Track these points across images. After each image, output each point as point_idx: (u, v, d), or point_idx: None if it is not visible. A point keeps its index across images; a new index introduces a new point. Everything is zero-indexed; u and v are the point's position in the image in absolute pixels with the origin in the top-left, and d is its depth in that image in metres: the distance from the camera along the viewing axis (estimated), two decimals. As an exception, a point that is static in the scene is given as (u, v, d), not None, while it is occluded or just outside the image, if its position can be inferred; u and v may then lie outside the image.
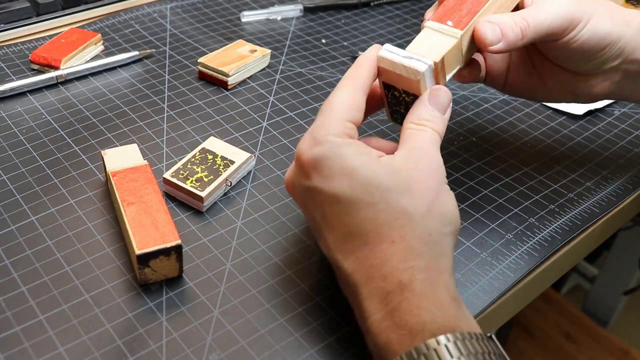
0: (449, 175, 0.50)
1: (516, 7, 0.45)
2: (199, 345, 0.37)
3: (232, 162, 0.48)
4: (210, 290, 0.41)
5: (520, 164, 0.53)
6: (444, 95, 0.39)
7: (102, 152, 0.47)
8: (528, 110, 0.61)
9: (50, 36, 0.66)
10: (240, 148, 0.51)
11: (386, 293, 0.34)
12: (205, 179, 0.47)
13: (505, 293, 0.42)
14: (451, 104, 0.40)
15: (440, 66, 0.40)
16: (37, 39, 0.66)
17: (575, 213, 0.49)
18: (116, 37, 0.67)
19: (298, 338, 0.38)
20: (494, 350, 0.32)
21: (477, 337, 0.32)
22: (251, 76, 0.63)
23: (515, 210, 0.48)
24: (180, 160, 0.49)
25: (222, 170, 0.48)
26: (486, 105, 0.61)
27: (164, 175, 0.47)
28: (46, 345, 0.36)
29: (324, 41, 0.70)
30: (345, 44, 0.70)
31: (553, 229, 0.47)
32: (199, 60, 0.61)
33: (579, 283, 1.31)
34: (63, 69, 0.59)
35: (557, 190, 0.51)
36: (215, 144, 0.50)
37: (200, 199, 0.46)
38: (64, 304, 0.39)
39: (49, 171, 0.49)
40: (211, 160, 0.48)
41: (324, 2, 0.76)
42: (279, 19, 0.74)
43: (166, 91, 0.59)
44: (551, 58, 0.46)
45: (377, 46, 0.40)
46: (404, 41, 0.71)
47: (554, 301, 1.20)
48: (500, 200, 0.49)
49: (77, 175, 0.49)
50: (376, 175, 0.35)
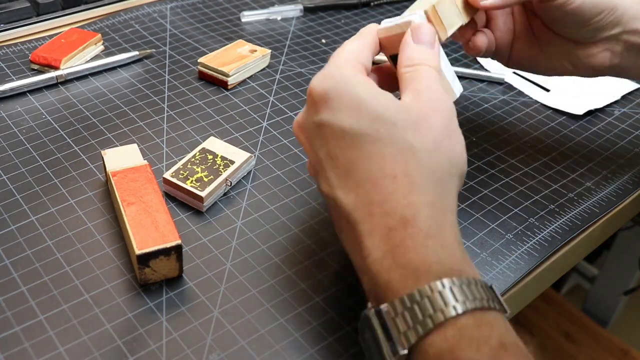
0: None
1: None
2: (199, 345, 0.37)
3: (232, 162, 0.48)
4: (210, 290, 0.41)
5: (520, 164, 0.53)
6: (425, 30, 0.38)
7: (102, 152, 0.47)
8: (528, 110, 0.61)
9: (50, 36, 0.66)
10: (240, 148, 0.51)
11: (388, 229, 0.33)
12: (205, 179, 0.47)
13: (505, 293, 0.42)
14: (446, 40, 0.39)
15: (433, 16, 0.40)
16: (37, 39, 0.66)
17: (575, 213, 0.49)
18: (116, 37, 0.67)
19: (298, 338, 0.38)
20: (495, 299, 0.32)
21: (481, 284, 0.32)
22: (251, 76, 0.63)
23: (515, 210, 0.48)
24: (180, 160, 0.49)
25: (222, 170, 0.48)
26: (486, 105, 0.61)
27: (164, 175, 0.47)
28: (46, 345, 0.36)
29: (324, 41, 0.70)
30: (345, 44, 0.70)
31: (553, 229, 0.47)
32: (199, 60, 0.61)
33: (579, 283, 1.31)
34: (63, 69, 0.59)
35: (557, 190, 0.51)
36: (215, 144, 0.50)
37: (200, 199, 0.46)
38: (64, 304, 0.39)
39: (49, 171, 0.49)
40: (211, 160, 0.48)
41: (324, 2, 0.76)
42: (279, 19, 0.74)
43: (166, 91, 0.59)
44: (548, 23, 0.47)
45: (375, 24, 0.41)
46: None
47: (554, 301, 1.20)
48: (500, 200, 0.49)
49: (77, 175, 0.49)
50: (385, 110, 0.35)
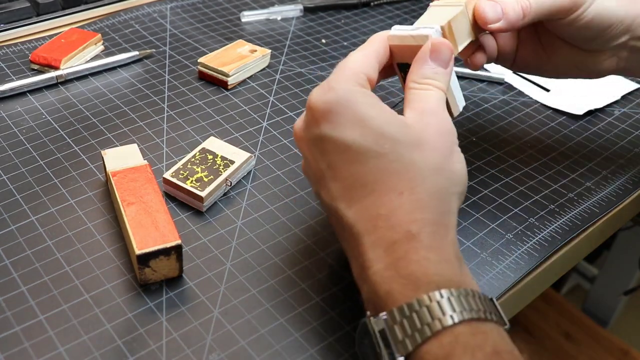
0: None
1: None
2: (199, 345, 0.37)
3: (232, 162, 0.48)
4: (210, 290, 0.41)
5: (520, 164, 0.53)
6: (445, 49, 0.38)
7: (102, 152, 0.47)
8: (528, 110, 0.61)
9: (50, 36, 0.66)
10: (240, 148, 0.51)
11: (392, 242, 0.33)
12: (205, 179, 0.47)
13: (505, 293, 0.42)
14: (454, 56, 0.39)
15: (448, 32, 0.40)
16: (37, 39, 0.66)
17: (575, 213, 0.49)
18: (116, 37, 0.67)
19: (298, 338, 0.38)
20: (494, 312, 0.32)
21: (480, 296, 0.32)
22: (251, 76, 0.63)
23: (515, 210, 0.48)
24: (180, 160, 0.49)
25: (222, 170, 0.48)
26: (486, 105, 0.61)
27: (164, 175, 0.47)
28: (46, 345, 0.36)
29: (324, 41, 0.70)
30: (345, 44, 0.70)
31: (553, 229, 0.47)
32: (199, 60, 0.61)
33: (579, 283, 1.31)
34: (63, 69, 0.59)
35: (557, 190, 0.51)
36: (215, 144, 0.50)
37: (200, 199, 0.46)
38: (64, 304, 0.39)
39: (49, 171, 0.49)
40: (211, 160, 0.48)
41: (324, 2, 0.76)
42: (279, 19, 0.74)
43: (166, 91, 0.59)
44: (558, 35, 0.46)
45: (386, 31, 0.41)
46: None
47: (554, 301, 1.20)
48: (500, 200, 0.49)
49: (77, 175, 0.49)
50: (389, 127, 0.35)
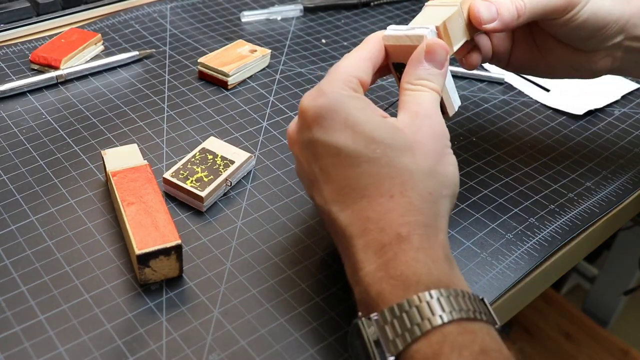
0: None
1: None
2: (199, 345, 0.37)
3: (232, 162, 0.48)
4: (210, 290, 0.41)
5: (520, 164, 0.53)
6: (440, 49, 0.38)
7: (102, 152, 0.47)
8: (528, 110, 0.61)
9: (50, 36, 0.66)
10: (240, 148, 0.51)
11: (382, 245, 0.33)
12: (205, 179, 0.47)
13: (505, 293, 0.42)
14: (449, 57, 0.39)
15: (443, 32, 0.40)
16: (37, 39, 0.66)
17: (575, 213, 0.49)
18: (116, 37, 0.67)
19: (298, 338, 0.38)
20: (484, 311, 0.32)
21: (470, 296, 0.32)
22: (251, 76, 0.63)
23: (515, 210, 0.48)
24: (180, 160, 0.49)
25: (222, 170, 0.48)
26: (486, 105, 0.61)
27: (164, 175, 0.47)
28: (46, 345, 0.36)
29: (324, 41, 0.70)
30: (345, 44, 0.70)
31: (553, 229, 0.47)
32: (199, 60, 0.61)
33: (579, 283, 1.31)
34: (63, 69, 0.59)
35: (557, 190, 0.51)
36: (215, 144, 0.50)
37: (200, 199, 0.46)
38: (64, 304, 0.39)
39: (49, 171, 0.49)
40: (211, 160, 0.48)
41: (324, 2, 0.76)
42: (279, 19, 0.74)
43: (166, 91, 0.59)
44: (552, 35, 0.46)
45: (381, 31, 0.41)
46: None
47: (554, 301, 1.20)
48: (500, 200, 0.49)
49: (77, 175, 0.49)
50: (379, 132, 0.35)
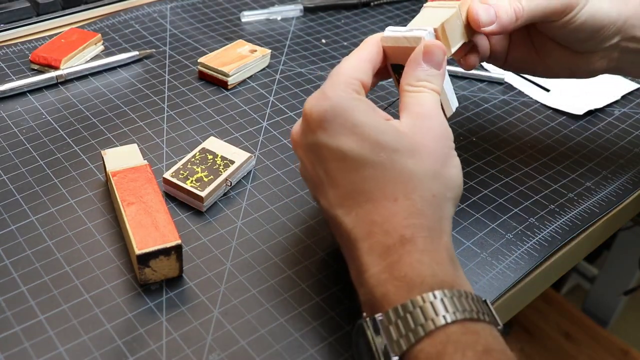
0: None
1: None
2: (199, 345, 0.37)
3: (232, 162, 0.48)
4: (210, 290, 0.41)
5: (520, 164, 0.53)
6: (438, 51, 0.38)
7: (102, 152, 0.47)
8: (528, 110, 0.61)
9: (50, 36, 0.66)
10: (240, 148, 0.51)
11: (387, 247, 0.34)
12: (205, 179, 0.47)
13: (505, 293, 0.42)
14: (447, 57, 0.39)
15: (441, 34, 0.40)
16: (37, 39, 0.66)
17: (575, 213, 0.49)
18: (116, 37, 0.67)
19: (298, 338, 0.38)
20: (487, 312, 0.32)
21: (473, 297, 0.32)
22: (251, 76, 0.63)
23: (515, 210, 0.48)
24: (180, 160, 0.49)
25: (222, 170, 0.48)
26: (486, 105, 0.61)
27: (164, 175, 0.47)
28: (46, 345, 0.36)
29: (324, 41, 0.70)
30: (345, 44, 0.70)
31: (553, 229, 0.47)
32: (199, 60, 0.61)
33: (579, 283, 1.31)
34: (63, 69, 0.59)
35: (557, 190, 0.51)
36: (215, 144, 0.50)
37: (200, 199, 0.46)
38: (64, 304, 0.39)
39: (49, 171, 0.49)
40: (211, 160, 0.48)
41: (324, 2, 0.76)
42: (279, 19, 0.74)
43: (166, 91, 0.59)
44: (550, 36, 0.47)
45: (380, 33, 0.41)
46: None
47: (554, 301, 1.20)
48: (500, 200, 0.49)
49: (77, 175, 0.49)
50: (384, 136, 0.35)
